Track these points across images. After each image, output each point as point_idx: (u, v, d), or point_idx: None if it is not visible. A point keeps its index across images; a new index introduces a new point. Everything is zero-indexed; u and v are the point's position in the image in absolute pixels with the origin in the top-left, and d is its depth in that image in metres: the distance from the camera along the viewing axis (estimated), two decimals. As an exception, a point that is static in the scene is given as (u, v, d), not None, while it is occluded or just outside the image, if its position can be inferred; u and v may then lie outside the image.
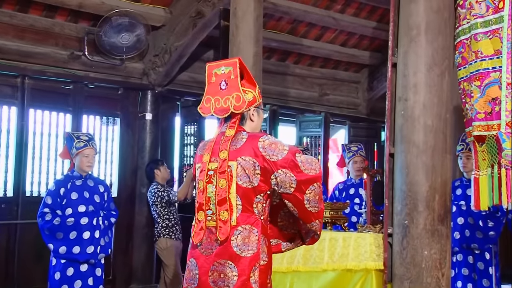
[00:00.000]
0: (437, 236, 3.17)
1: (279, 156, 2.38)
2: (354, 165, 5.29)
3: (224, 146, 2.44)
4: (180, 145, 6.51)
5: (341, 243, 3.75)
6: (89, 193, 4.36)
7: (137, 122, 6.16)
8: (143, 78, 6.15)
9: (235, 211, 2.38)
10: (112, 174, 6.09)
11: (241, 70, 2.51)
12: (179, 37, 5.85)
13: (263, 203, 2.43)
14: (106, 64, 5.86)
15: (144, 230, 6.02)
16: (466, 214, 4.31)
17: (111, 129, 6.13)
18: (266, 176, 2.40)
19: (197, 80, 6.51)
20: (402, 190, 3.25)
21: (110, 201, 4.52)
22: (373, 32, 6.96)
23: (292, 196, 2.40)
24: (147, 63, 6.13)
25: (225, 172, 2.40)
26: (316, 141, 7.48)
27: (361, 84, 7.92)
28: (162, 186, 5.56)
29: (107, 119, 6.10)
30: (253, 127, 2.50)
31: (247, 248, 2.37)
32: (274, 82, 7.16)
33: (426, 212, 3.18)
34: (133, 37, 5.65)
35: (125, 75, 6.05)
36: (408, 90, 3.28)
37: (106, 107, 6.01)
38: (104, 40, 5.59)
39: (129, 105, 6.14)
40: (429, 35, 3.25)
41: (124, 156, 6.10)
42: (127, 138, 6.13)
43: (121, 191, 6.06)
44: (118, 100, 6.08)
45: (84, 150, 4.35)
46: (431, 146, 3.22)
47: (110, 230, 4.45)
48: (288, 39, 6.80)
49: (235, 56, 4.87)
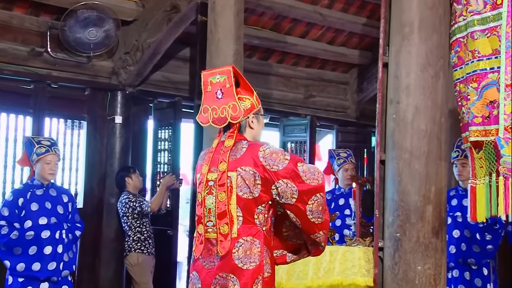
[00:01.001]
0: (431, 250, 3.18)
1: (280, 166, 2.48)
2: (344, 173, 5.29)
3: (223, 157, 2.55)
4: (153, 151, 6.47)
5: (327, 257, 3.74)
6: (52, 204, 4.31)
7: (106, 125, 6.11)
8: (112, 78, 6.11)
9: (236, 222, 2.48)
10: (77, 182, 6.03)
11: (236, 77, 2.62)
12: (152, 33, 5.82)
13: (265, 214, 2.53)
14: (71, 62, 5.80)
15: (113, 244, 5.97)
16: (462, 226, 4.34)
17: (76, 134, 6.08)
18: (267, 186, 2.50)
19: (172, 80, 6.47)
20: (393, 200, 3.26)
21: (75, 213, 4.48)
22: (362, 29, 7.01)
23: (294, 206, 2.49)
24: (116, 61, 6.09)
25: (224, 184, 2.51)
26: (301, 146, 7.49)
27: (350, 85, 7.96)
28: (134, 196, 5.51)
29: (72, 122, 6.04)
30: (254, 135, 2.63)
31: (249, 260, 2.46)
32: (256, 82, 7.13)
33: (420, 224, 3.19)
34: (101, 32, 5.60)
35: (93, 74, 5.99)
36: (400, 92, 3.29)
37: (71, 109, 5.96)
38: (69, 36, 5.53)
39: (96, 107, 6.09)
40: (423, 32, 3.27)
41: (91, 163, 6.04)
42: (95, 143, 6.08)
43: (87, 201, 6.00)
44: (85, 101, 6.03)
45: (46, 156, 4.30)
46: (425, 152, 3.23)
47: (75, 245, 4.40)
48: (271, 36, 6.80)
49: (214, 55, 4.90)
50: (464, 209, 4.27)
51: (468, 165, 3.19)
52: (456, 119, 3.42)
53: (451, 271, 4.32)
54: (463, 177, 4.35)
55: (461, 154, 4.34)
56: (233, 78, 2.59)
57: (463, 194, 4.37)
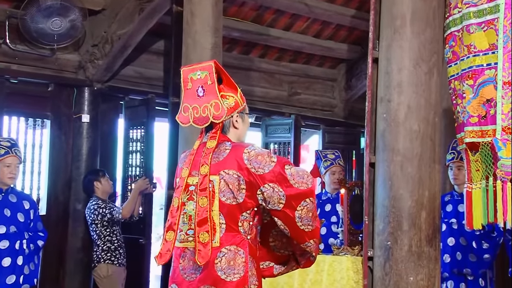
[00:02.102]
0: (424, 259, 3.21)
1: (265, 169, 2.47)
2: (331, 176, 5.30)
3: (205, 160, 2.54)
4: (124, 153, 6.43)
5: (313, 268, 3.73)
6: (11, 211, 4.27)
7: (72, 125, 6.06)
8: (79, 72, 6.06)
9: (218, 230, 2.47)
10: (40, 187, 5.98)
11: (218, 73, 2.64)
12: (122, 24, 5.79)
13: (250, 221, 2.52)
14: (33, 54, 5.74)
15: (79, 255, 5.92)
16: (457, 234, 4.38)
17: (39, 133, 6.02)
18: (252, 191, 2.49)
19: (144, 75, 6.44)
20: (384, 205, 3.28)
21: (37, 221, 4.44)
22: (351, 21, 7.04)
23: (282, 213, 2.48)
24: (83, 55, 6.05)
25: (206, 189, 2.50)
26: (285, 148, 7.50)
27: (338, 82, 8.00)
28: (104, 202, 5.48)
29: (34, 121, 5.98)
30: (239, 135, 2.63)
31: (232, 271, 2.45)
32: (236, 78, 7.00)
33: (412, 231, 3.21)
34: (66, 22, 5.56)
35: (57, 69, 5.94)
36: (391, 90, 3.31)
37: (33, 107, 5.90)
38: (31, 26, 5.48)
39: (61, 105, 6.04)
40: (416, 26, 3.30)
41: (55, 165, 5.99)
42: (59, 144, 6.02)
43: (51, 208, 5.94)
44: (48, 98, 5.97)
45: (5, 158, 4.27)
46: (418, 154, 3.26)
47: (37, 256, 4.36)
48: (252, 28, 6.81)
49: (190, 48, 4.89)
50: (459, 216, 4.31)
51: (464, 168, 3.21)
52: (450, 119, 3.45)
53: (446, 282, 4.36)
54: (459, 181, 4.38)
55: (456, 156, 4.38)
56: (215, 74, 2.60)
57: (459, 199, 4.40)
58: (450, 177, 4.52)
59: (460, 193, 4.41)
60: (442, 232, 4.27)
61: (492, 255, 4.33)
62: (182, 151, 2.98)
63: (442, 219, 4.33)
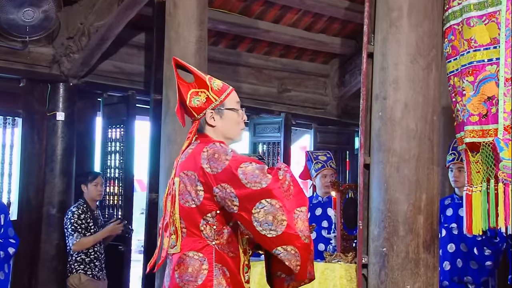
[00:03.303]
0: (422, 266, 3.22)
1: (219, 168, 2.44)
2: (322, 179, 5.31)
3: (176, 162, 2.59)
4: (102, 154, 6.41)
5: (304, 276, 3.75)
6: (-21, 216, 4.24)
7: (45, 123, 6.04)
8: (53, 67, 6.03)
9: (180, 235, 2.48)
10: (10, 190, 5.95)
11: (184, 69, 2.65)
12: (100, 15, 5.77)
13: (214, 225, 2.49)
14: (3, 47, 5.71)
15: (53, 263, 5.89)
16: (458, 239, 4.40)
17: (9, 132, 5.99)
18: (210, 192, 2.47)
19: (124, 70, 6.42)
20: (379, 209, 3.29)
21: (8, 226, 4.42)
22: (345, 14, 7.06)
23: (239, 216, 2.45)
24: (58, 48, 6.02)
25: (170, 193, 2.55)
26: (274, 148, 7.50)
27: (330, 78, 8.01)
28: (84, 213, 5.35)
29: (5, 119, 5.96)
30: (221, 132, 2.59)
31: (190, 279, 2.43)
32: (223, 74, 7.13)
33: (409, 237, 3.22)
34: (39, 13, 5.53)
35: (29, 63, 5.91)
36: (387, 86, 3.32)
37: (3, 104, 5.87)
38: (0, 17, 5.44)
39: (34, 102, 6.01)
40: (413, 18, 3.31)
41: (27, 167, 5.95)
42: (32, 144, 5.99)
43: (22, 212, 5.92)
44: (20, 94, 5.95)
45: (-27, 159, 4.23)
46: (415, 155, 3.27)
47: (7, 264, 4.35)
48: (240, 20, 6.80)
49: (173, 42, 4.87)
50: (460, 220, 4.32)
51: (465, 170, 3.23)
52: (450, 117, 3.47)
53: (445, 291, 4.39)
54: (460, 183, 4.39)
55: (457, 157, 4.39)
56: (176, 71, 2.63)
57: (460, 202, 4.40)
58: (450, 179, 4.54)
59: (461, 196, 4.42)
60: (441, 237, 4.29)
61: (494, 262, 4.35)
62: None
63: (441, 224, 4.35)
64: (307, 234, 2.44)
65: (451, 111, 3.35)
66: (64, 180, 6.00)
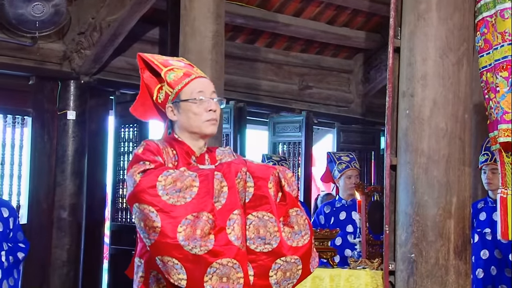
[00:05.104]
0: (453, 274, 3.19)
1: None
2: (347, 180, 5.29)
3: None
4: (115, 154, 6.44)
5: (327, 283, 3.74)
6: (-12, 220, 4.27)
7: (56, 122, 6.09)
8: (64, 64, 6.08)
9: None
10: (20, 193, 6.00)
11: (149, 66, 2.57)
12: (112, 9, 5.80)
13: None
14: (12, 44, 5.77)
15: (65, 269, 5.94)
16: (492, 245, 4.37)
17: (19, 132, 6.04)
18: None
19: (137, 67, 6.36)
20: (407, 213, 3.27)
21: (18, 230, 4.44)
22: (370, 6, 7.04)
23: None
24: (69, 44, 6.06)
25: None
26: (295, 148, 7.50)
27: (354, 74, 7.99)
28: None
29: (14, 118, 6.01)
30: (182, 127, 2.49)
31: (134, 285, 2.41)
32: (240, 70, 7.15)
33: (439, 242, 3.20)
34: (49, 7, 5.57)
35: (39, 60, 5.97)
36: (414, 83, 3.31)
37: (12, 102, 5.93)
38: (9, 12, 5.50)
39: (44, 100, 6.07)
40: (443, 10, 3.29)
41: (37, 168, 6.01)
42: (42, 144, 6.05)
43: (32, 216, 5.97)
44: (29, 92, 6.00)
45: (-19, 160, 4.27)
46: (445, 156, 3.25)
47: (17, 269, 4.37)
48: (258, 14, 6.81)
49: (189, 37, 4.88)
50: (494, 225, 4.26)
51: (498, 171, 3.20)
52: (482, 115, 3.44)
53: (478, 300, 4.36)
54: (493, 185, 4.36)
55: (490, 157, 4.36)
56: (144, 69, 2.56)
57: (494, 206, 4.38)
58: (483, 181, 4.51)
59: (494, 199, 4.39)
60: (474, 243, 4.26)
61: (531, 270, 4.32)
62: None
63: (474, 229, 4.32)
64: (203, 243, 2.18)
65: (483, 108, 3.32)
66: (75, 182, 6.05)
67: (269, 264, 2.26)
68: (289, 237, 2.29)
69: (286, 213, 2.32)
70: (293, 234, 2.30)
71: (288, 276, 2.29)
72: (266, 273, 2.26)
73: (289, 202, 2.32)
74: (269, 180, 2.29)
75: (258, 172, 2.30)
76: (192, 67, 2.56)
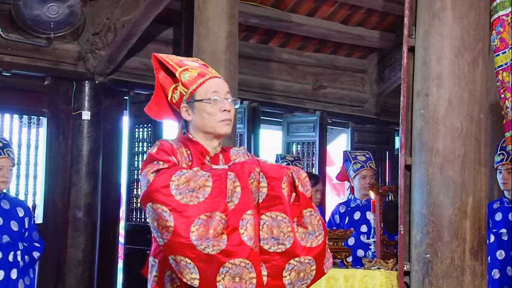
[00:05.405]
0: (469, 274, 3.18)
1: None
2: (361, 181, 5.29)
3: None
4: (129, 154, 6.46)
5: (342, 283, 3.74)
6: (4, 219, 4.28)
7: (71, 123, 6.11)
8: (79, 64, 6.10)
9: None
10: (36, 193, 6.02)
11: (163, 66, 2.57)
12: (127, 9, 5.82)
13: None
14: (28, 44, 5.80)
15: (80, 269, 5.96)
16: (507, 246, 4.34)
17: (34, 132, 6.07)
18: None
19: (151, 67, 6.35)
20: (422, 213, 3.26)
21: (33, 230, 4.47)
22: (384, 5, 7.01)
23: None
24: (83, 44, 6.09)
25: None
26: (309, 149, 7.48)
27: (369, 74, 7.97)
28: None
29: (29, 118, 6.04)
30: (196, 127, 2.49)
31: (148, 285, 2.41)
32: (254, 70, 7.15)
33: (454, 243, 3.19)
34: (64, 8, 5.60)
35: (54, 60, 5.99)
36: (429, 82, 3.30)
37: (28, 103, 5.95)
38: (25, 13, 5.53)
39: (59, 100, 6.09)
40: (458, 9, 3.28)
41: (52, 168, 6.04)
42: (57, 144, 6.07)
43: (48, 216, 5.99)
44: (44, 93, 6.03)
45: (-3, 160, 4.29)
46: (460, 156, 3.24)
47: (33, 269, 4.39)
48: (272, 14, 6.81)
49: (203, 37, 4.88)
50: (510, 225, 4.28)
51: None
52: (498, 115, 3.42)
53: (494, 301, 4.33)
54: (509, 186, 4.36)
55: (506, 157, 4.35)
56: (159, 69, 2.57)
57: (510, 206, 4.38)
58: (499, 181, 4.49)
59: (510, 199, 4.37)
60: (490, 244, 4.23)
61: (549, 271, 4.29)
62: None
63: (490, 229, 4.30)
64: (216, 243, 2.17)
65: (499, 108, 3.30)
66: (90, 182, 6.07)
67: (283, 264, 2.26)
68: (303, 238, 2.29)
69: (300, 214, 2.32)
70: (306, 235, 2.30)
71: (302, 277, 2.29)
72: (280, 273, 2.26)
73: (303, 202, 2.32)
74: (282, 180, 2.29)
75: (271, 172, 2.30)
76: (207, 67, 2.57)
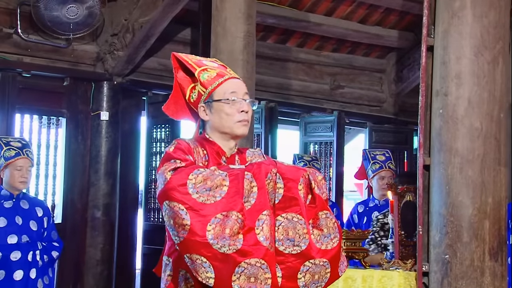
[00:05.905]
0: (489, 275, 3.16)
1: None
2: (380, 181, 5.26)
3: None
4: (147, 154, 6.49)
5: (360, 283, 3.73)
6: (23, 219, 4.32)
7: (89, 123, 6.14)
8: (97, 65, 6.14)
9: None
10: (55, 193, 6.05)
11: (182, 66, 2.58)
12: (145, 10, 5.84)
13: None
14: (47, 45, 5.83)
15: (99, 268, 5.99)
16: (527, 246, 4.31)
17: (53, 133, 6.10)
18: None
19: (169, 67, 6.40)
20: (441, 214, 3.24)
21: (52, 229, 4.50)
22: (402, 4, 6.98)
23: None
24: (102, 45, 6.12)
25: None
26: (326, 148, 7.47)
27: (387, 73, 7.94)
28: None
29: (49, 119, 6.07)
30: (213, 127, 2.49)
31: (162, 284, 2.40)
32: (272, 70, 7.15)
33: (474, 243, 3.18)
34: (83, 9, 5.63)
35: (73, 61, 6.03)
36: (448, 82, 3.28)
37: (47, 103, 5.98)
38: (44, 14, 5.57)
39: (78, 101, 6.12)
40: (477, 8, 3.25)
41: (71, 168, 6.07)
42: (76, 144, 6.11)
43: (67, 215, 6.02)
44: (64, 94, 6.06)
45: (16, 160, 4.31)
46: (480, 155, 3.22)
47: (52, 268, 4.42)
48: (289, 14, 6.80)
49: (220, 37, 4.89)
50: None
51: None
52: (518, 114, 3.39)
53: (514, 302, 4.29)
54: (529, 186, 4.32)
55: (525, 157, 4.31)
56: (178, 68, 2.58)
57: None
58: (518, 181, 4.45)
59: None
60: (510, 245, 4.19)
61: None
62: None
63: (510, 230, 4.26)
64: (232, 243, 2.16)
65: (519, 107, 3.27)
66: (109, 182, 6.10)
67: (298, 266, 2.26)
68: (318, 240, 2.28)
69: (316, 216, 2.32)
70: (322, 237, 2.29)
71: (316, 279, 2.28)
72: (295, 275, 2.26)
73: (319, 204, 2.32)
74: (299, 181, 2.29)
75: (288, 173, 2.30)
76: (225, 68, 2.57)
